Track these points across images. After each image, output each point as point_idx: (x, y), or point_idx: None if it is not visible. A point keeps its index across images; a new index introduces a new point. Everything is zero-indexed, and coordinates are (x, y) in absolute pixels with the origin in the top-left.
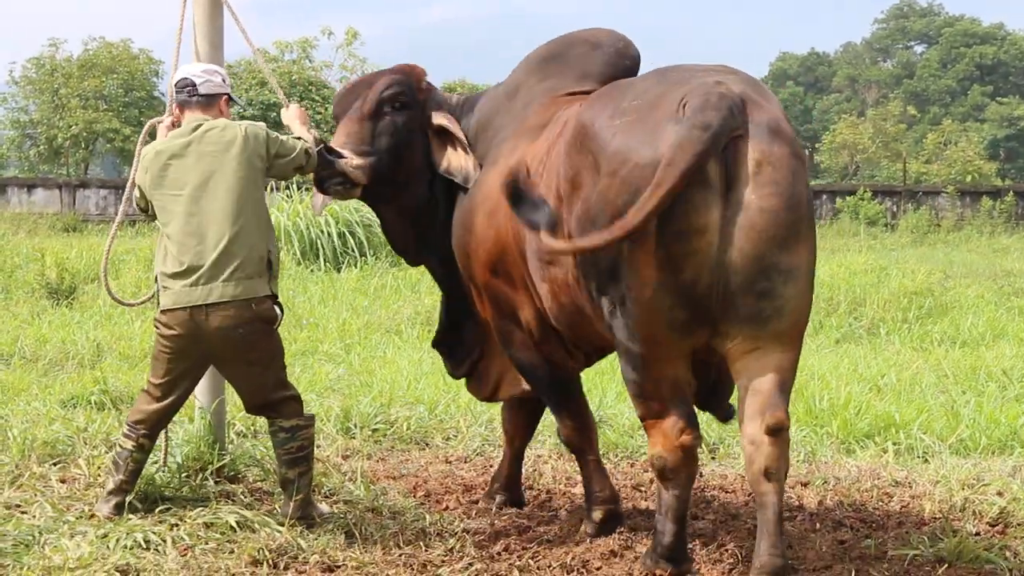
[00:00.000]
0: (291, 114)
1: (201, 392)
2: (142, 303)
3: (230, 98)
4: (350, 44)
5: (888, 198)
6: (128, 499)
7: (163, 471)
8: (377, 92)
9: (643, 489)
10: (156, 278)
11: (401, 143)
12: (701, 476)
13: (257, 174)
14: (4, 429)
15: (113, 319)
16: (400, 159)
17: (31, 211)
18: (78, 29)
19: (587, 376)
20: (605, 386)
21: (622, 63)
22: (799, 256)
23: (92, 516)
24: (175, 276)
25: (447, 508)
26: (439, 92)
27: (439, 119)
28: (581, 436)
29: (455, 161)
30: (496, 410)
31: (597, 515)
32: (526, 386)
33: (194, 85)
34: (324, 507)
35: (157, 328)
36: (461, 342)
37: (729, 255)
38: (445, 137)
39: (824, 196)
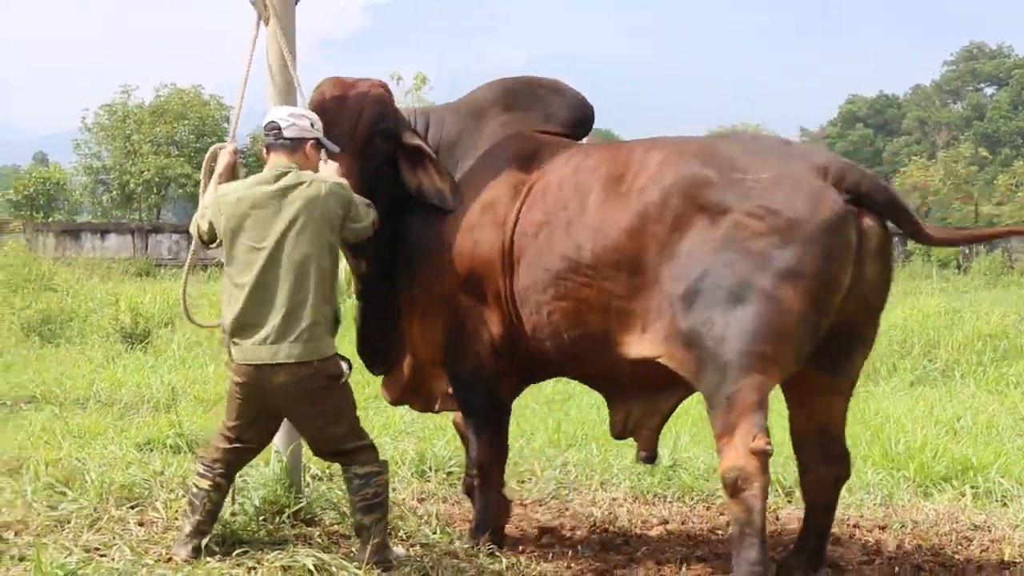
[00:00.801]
0: (329, 169)
1: (277, 435)
2: (217, 325)
3: (319, 142)
4: (419, 89)
5: None
6: (205, 542)
7: (239, 516)
8: (369, 125)
9: (719, 532)
10: (223, 328)
11: (384, 172)
12: (778, 519)
13: (334, 234)
14: (82, 472)
15: (187, 363)
16: (381, 186)
17: (104, 256)
18: (150, 76)
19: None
20: (679, 430)
21: (583, 112)
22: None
23: (170, 559)
24: (242, 331)
25: (523, 551)
26: (398, 109)
27: (412, 140)
28: (496, 462)
29: (427, 182)
30: (571, 453)
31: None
32: None
33: (279, 129)
34: (400, 550)
35: (228, 373)
36: (383, 350)
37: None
38: (417, 157)
39: (896, 239)
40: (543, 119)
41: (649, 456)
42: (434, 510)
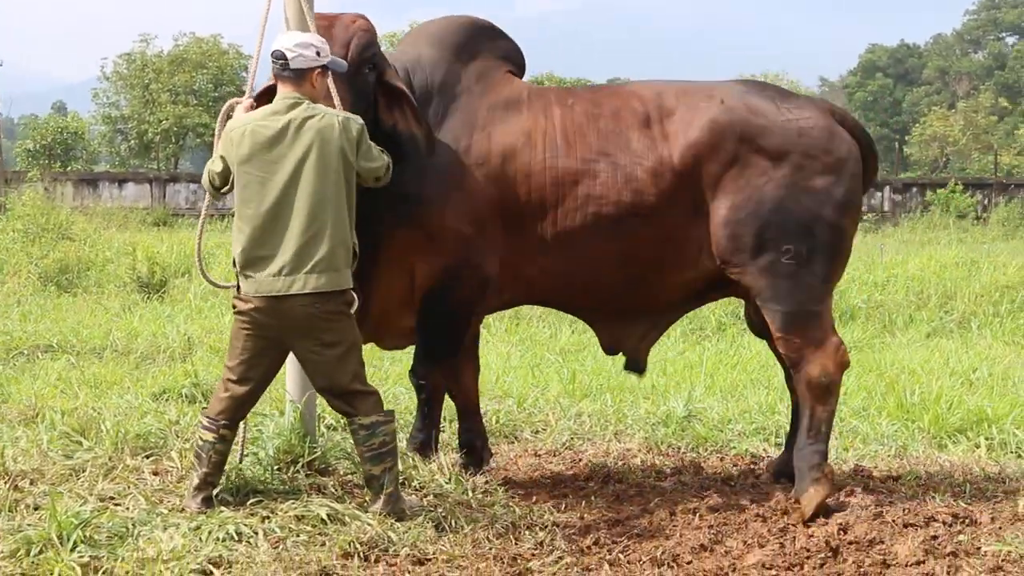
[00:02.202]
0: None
1: (292, 385)
2: (236, 286)
3: (326, 68)
4: None
5: (979, 191)
6: (216, 492)
7: (253, 466)
8: (359, 51)
9: (732, 483)
10: (234, 261)
11: (368, 106)
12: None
13: (348, 166)
14: (97, 422)
15: (203, 313)
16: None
17: (122, 205)
18: (168, 25)
19: (676, 373)
20: (694, 381)
21: (522, 57)
22: None
23: (184, 509)
24: (254, 264)
25: (536, 501)
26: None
27: (395, 81)
28: (446, 382)
29: (402, 124)
30: (585, 403)
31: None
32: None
33: (286, 59)
34: (413, 500)
35: (235, 307)
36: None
37: None
38: (395, 98)
39: (914, 189)
40: (502, 59)
41: (640, 367)
42: (448, 460)
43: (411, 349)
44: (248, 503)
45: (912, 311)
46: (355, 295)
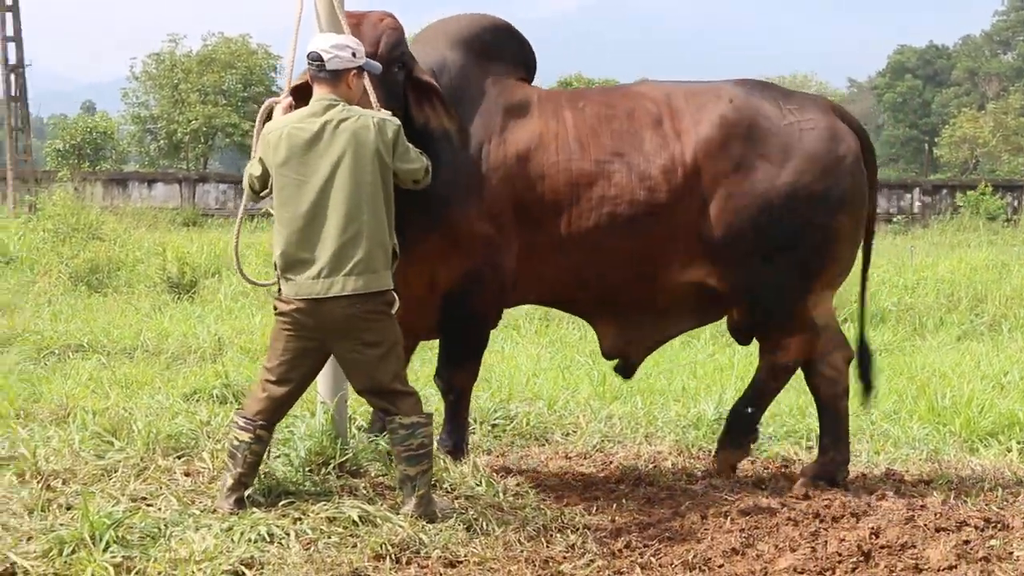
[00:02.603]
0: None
1: (323, 387)
2: (273, 284)
3: (361, 69)
4: None
5: (1009, 193)
6: (248, 493)
7: (285, 467)
8: (389, 49)
9: (764, 487)
10: (275, 264)
11: (399, 104)
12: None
13: (384, 167)
14: (129, 422)
15: (234, 313)
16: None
17: (151, 205)
18: (197, 25)
19: (706, 376)
20: (724, 384)
21: (535, 59)
22: None
23: (216, 510)
24: (293, 267)
25: (567, 504)
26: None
27: (425, 76)
28: (472, 383)
29: (435, 120)
30: (616, 406)
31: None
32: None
33: (322, 60)
34: (445, 502)
35: (276, 309)
36: None
37: None
38: (426, 94)
39: (944, 191)
40: (516, 66)
41: (628, 372)
42: (479, 462)
43: (434, 349)
44: (280, 504)
45: (943, 314)
46: (395, 296)
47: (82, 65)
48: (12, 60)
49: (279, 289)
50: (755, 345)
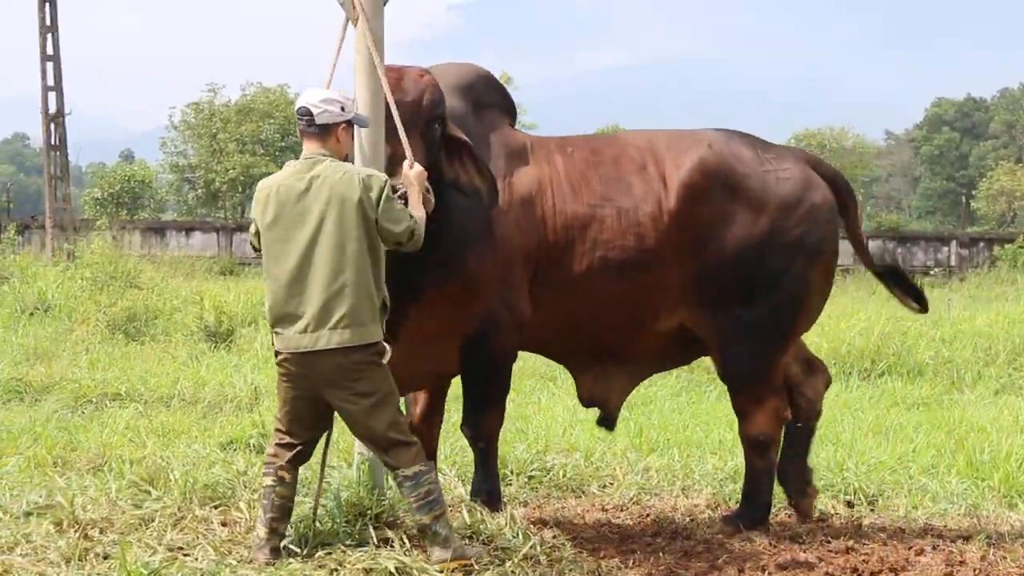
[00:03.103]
0: (411, 175)
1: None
2: None
3: (350, 123)
4: None
5: None
6: (285, 543)
7: (321, 518)
8: (432, 107)
9: (801, 541)
10: (267, 318)
11: (436, 160)
12: (860, 527)
13: (369, 223)
14: (166, 471)
15: (270, 362)
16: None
17: (189, 254)
18: (236, 75)
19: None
20: None
21: (511, 102)
22: None
23: (252, 561)
24: (281, 322)
25: (604, 556)
26: None
27: (458, 133)
28: (500, 427)
29: (464, 177)
30: (653, 458)
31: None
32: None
33: (311, 115)
34: (477, 548)
35: (276, 358)
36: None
37: None
38: (457, 151)
39: (981, 244)
40: (504, 113)
41: (611, 423)
42: (515, 514)
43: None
44: (316, 555)
45: (980, 367)
46: (386, 346)
47: (121, 114)
48: (52, 109)
49: (274, 344)
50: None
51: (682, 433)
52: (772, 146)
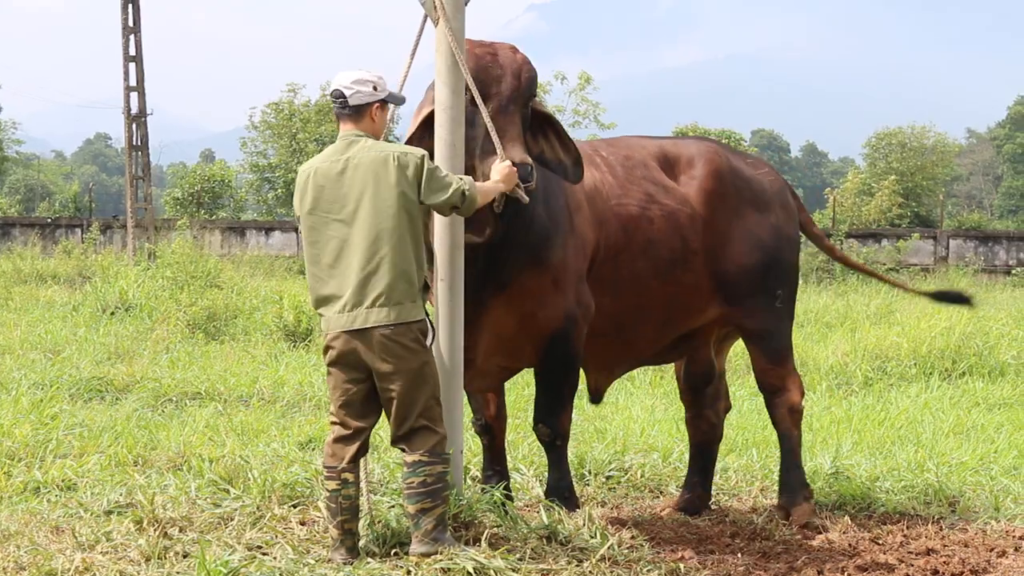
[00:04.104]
0: (498, 169)
1: None
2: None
3: (384, 102)
4: (583, 89)
5: None
6: (362, 543)
7: (400, 517)
8: (529, 84)
9: (880, 542)
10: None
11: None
12: (941, 529)
13: (407, 201)
14: (245, 470)
15: None
16: None
17: (268, 253)
18: (316, 75)
19: (822, 429)
20: (840, 437)
21: None
22: None
23: (330, 560)
24: (324, 301)
25: (682, 557)
26: None
27: (544, 108)
28: (570, 424)
29: (549, 152)
30: (731, 458)
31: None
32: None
33: (345, 97)
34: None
35: (324, 354)
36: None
37: None
38: (544, 125)
39: None
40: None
41: (599, 396)
42: (593, 514)
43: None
44: (393, 554)
45: None
46: (430, 326)
47: (202, 114)
48: (135, 109)
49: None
50: (874, 396)
51: (760, 434)
52: (740, 151)
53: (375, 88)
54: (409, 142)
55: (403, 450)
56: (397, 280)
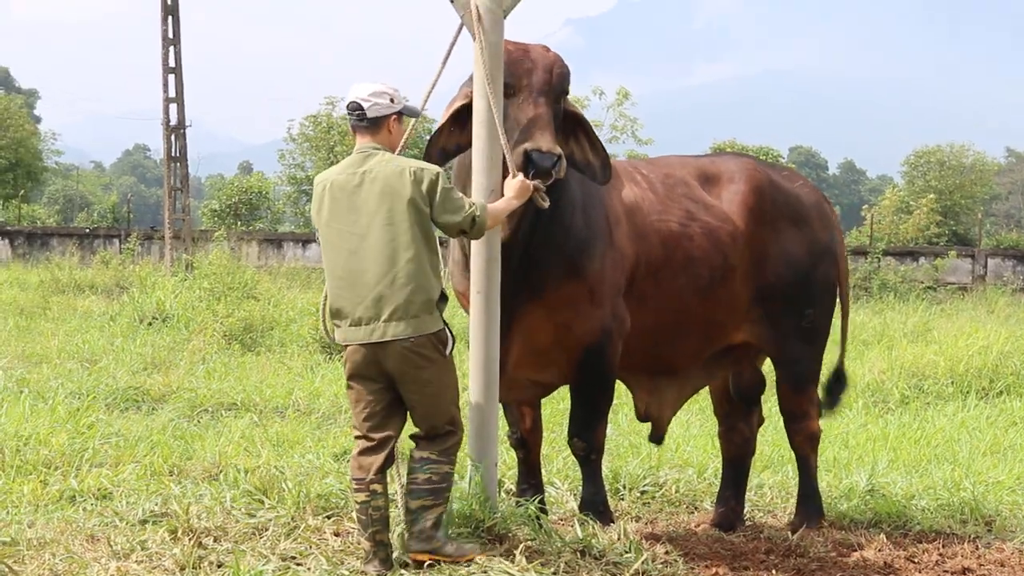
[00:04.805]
0: (511, 185)
1: (473, 449)
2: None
3: (401, 114)
4: (621, 104)
5: None
6: (396, 554)
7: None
8: (561, 82)
9: (916, 561)
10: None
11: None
12: (977, 548)
13: (421, 215)
14: (280, 481)
15: None
16: None
17: (305, 265)
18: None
19: (858, 446)
20: (876, 455)
21: None
22: None
23: (364, 572)
24: (340, 314)
25: (716, 573)
26: None
27: (574, 108)
28: (604, 438)
29: (579, 153)
30: (766, 475)
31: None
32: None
33: (362, 109)
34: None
35: (344, 366)
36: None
37: None
38: (573, 126)
39: None
40: None
41: (660, 438)
42: (628, 528)
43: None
44: (426, 565)
45: None
46: (449, 334)
47: (240, 127)
48: (173, 121)
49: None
50: (911, 414)
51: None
52: (776, 164)
53: (392, 100)
54: (438, 133)
55: (415, 444)
56: (414, 293)
